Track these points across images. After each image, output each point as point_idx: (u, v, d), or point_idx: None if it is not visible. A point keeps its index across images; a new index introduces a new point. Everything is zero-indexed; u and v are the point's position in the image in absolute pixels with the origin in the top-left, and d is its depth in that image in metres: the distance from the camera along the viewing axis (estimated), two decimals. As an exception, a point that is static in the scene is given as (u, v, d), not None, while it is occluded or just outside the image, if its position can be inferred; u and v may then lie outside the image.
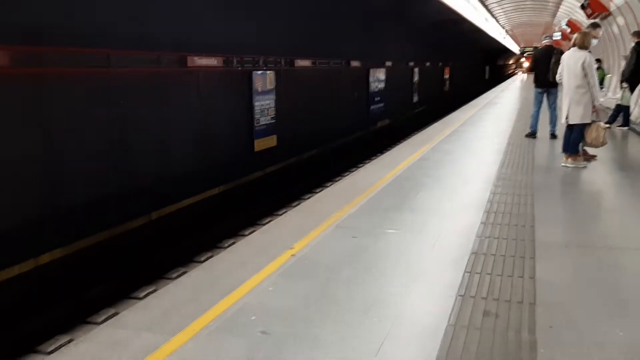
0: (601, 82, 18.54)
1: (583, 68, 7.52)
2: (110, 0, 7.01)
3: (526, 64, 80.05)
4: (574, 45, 7.78)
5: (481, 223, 5.33)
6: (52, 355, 3.20)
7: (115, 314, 5.55)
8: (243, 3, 9.89)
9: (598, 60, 19.74)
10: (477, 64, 48.90)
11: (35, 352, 5.20)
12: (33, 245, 5.86)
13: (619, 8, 16.85)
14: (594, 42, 8.06)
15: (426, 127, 15.16)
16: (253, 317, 3.46)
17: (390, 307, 3.60)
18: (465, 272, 4.13)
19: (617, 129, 12.15)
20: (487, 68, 57.04)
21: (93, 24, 6.63)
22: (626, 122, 12.20)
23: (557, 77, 8.21)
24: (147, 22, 7.55)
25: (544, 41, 10.77)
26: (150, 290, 6.31)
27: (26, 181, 5.87)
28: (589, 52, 7.67)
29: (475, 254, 4.51)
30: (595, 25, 8.65)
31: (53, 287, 6.04)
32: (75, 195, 6.46)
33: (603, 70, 19.31)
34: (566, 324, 3.33)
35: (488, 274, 4.09)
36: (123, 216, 7.15)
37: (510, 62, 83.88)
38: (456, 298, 3.70)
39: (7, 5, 5.59)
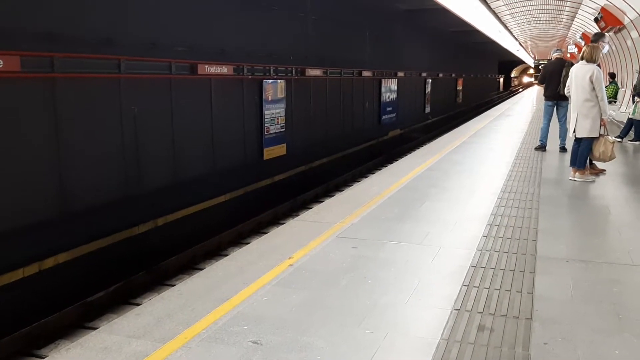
0: (614, 96, 18.35)
1: (591, 81, 7.45)
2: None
3: (526, 79, 80.00)
4: (582, 59, 7.72)
5: (483, 236, 5.29)
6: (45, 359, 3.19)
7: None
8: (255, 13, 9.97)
9: (612, 75, 19.57)
10: (491, 76, 48.83)
11: (32, 355, 5.22)
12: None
13: (632, 21, 16.72)
14: (605, 49, 7.98)
15: (437, 138, 15.11)
16: (245, 327, 3.45)
17: (385, 319, 3.57)
18: (462, 285, 4.09)
19: (629, 143, 12.03)
20: (501, 80, 56.99)
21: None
22: (638, 136, 12.03)
23: (566, 91, 8.15)
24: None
25: (555, 54, 10.68)
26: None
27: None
28: (598, 65, 7.60)
29: (474, 267, 4.47)
30: (600, 35, 8.56)
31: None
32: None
33: (616, 84, 19.10)
34: (561, 341, 3.27)
35: (486, 288, 4.05)
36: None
37: (518, 73, 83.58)
38: (451, 311, 3.66)
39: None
